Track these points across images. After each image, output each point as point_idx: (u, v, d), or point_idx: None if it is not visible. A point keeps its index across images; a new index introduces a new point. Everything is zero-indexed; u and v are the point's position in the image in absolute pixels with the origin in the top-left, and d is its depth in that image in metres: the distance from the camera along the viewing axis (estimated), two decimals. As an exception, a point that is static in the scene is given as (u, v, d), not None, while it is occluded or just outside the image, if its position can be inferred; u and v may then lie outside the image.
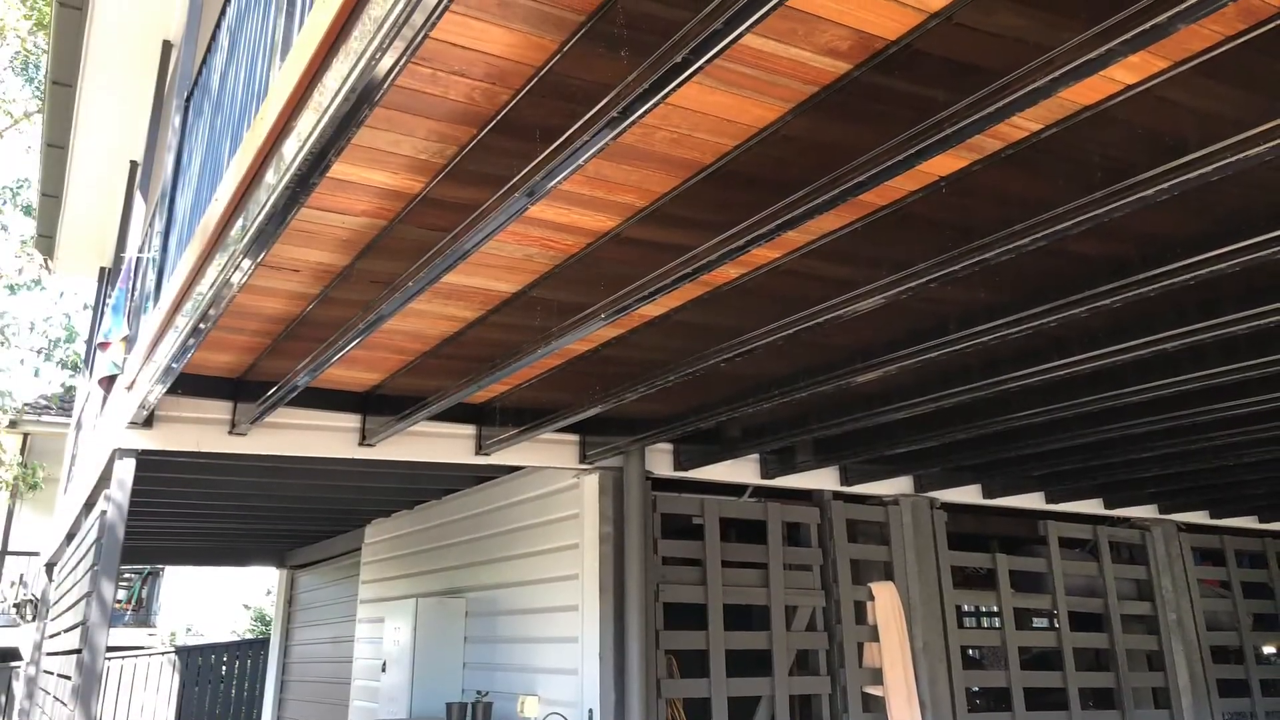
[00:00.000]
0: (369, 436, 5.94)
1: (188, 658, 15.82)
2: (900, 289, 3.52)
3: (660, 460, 6.87)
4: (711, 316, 4.39)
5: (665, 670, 6.57)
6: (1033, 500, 8.40)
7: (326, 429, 5.95)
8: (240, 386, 5.69)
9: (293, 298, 4.47)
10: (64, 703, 6.68)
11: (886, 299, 3.61)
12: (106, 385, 5.77)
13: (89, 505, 7.18)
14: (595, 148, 2.64)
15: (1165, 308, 4.05)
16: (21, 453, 16.85)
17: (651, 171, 3.35)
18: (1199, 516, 9.36)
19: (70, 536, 8.79)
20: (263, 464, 6.55)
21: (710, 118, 3.03)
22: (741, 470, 7.16)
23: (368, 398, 6.02)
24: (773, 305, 4.04)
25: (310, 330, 4.66)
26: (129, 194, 9.07)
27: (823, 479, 7.42)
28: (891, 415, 5.51)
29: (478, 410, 6.35)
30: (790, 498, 7.41)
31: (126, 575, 17.74)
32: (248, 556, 14.53)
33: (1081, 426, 6.01)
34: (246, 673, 16.10)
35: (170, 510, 8.98)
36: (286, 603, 14.30)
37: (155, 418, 5.47)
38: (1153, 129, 2.79)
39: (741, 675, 6.74)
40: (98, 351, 6.10)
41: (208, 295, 3.70)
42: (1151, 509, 9.04)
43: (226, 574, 26.17)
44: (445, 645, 8.03)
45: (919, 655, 7.29)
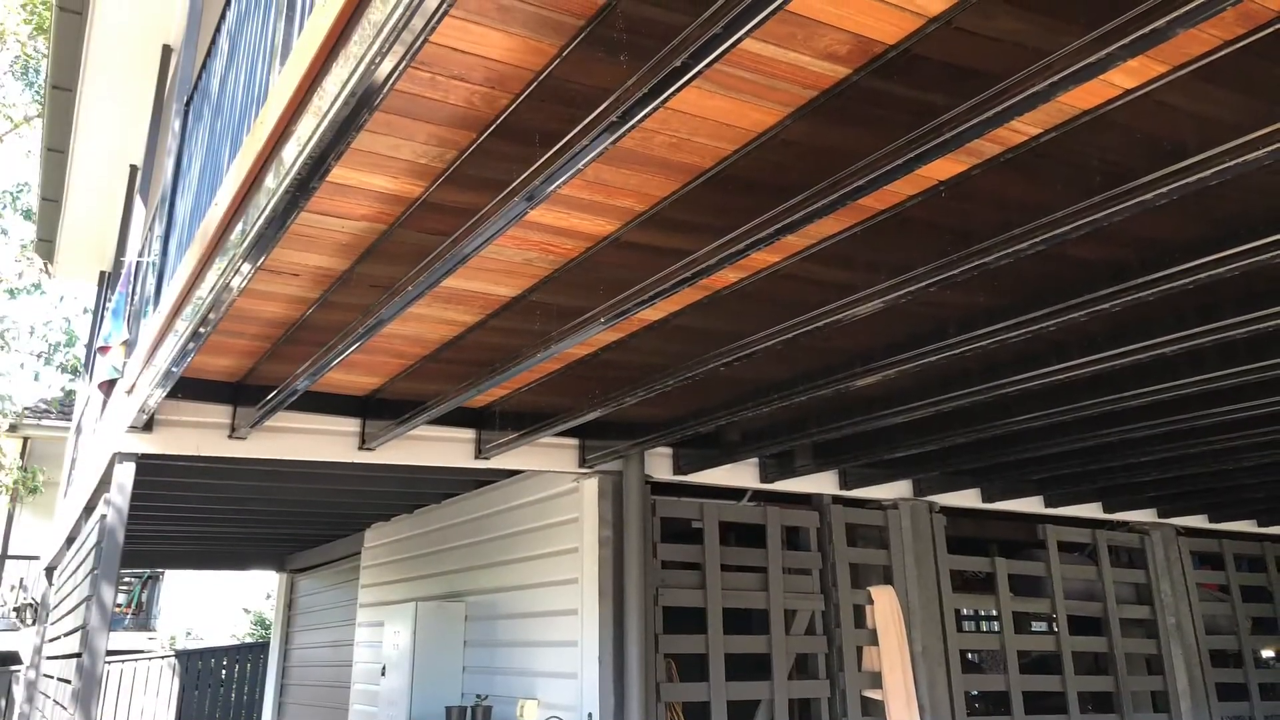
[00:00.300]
0: (369, 440, 5.94)
1: (188, 661, 15.81)
2: (899, 293, 3.52)
3: (659, 464, 6.87)
4: (711, 321, 4.39)
5: (665, 674, 6.57)
6: (1032, 504, 8.40)
7: (326, 433, 5.95)
8: (240, 390, 5.69)
9: (292, 302, 4.47)
10: (64, 706, 6.68)
11: (886, 303, 3.61)
12: (106, 389, 5.77)
13: (89, 509, 7.18)
14: (595, 152, 2.64)
15: (1164, 312, 4.06)
16: (21, 457, 16.84)
17: (651, 176, 3.35)
18: (1198, 520, 9.36)
19: (70, 540, 8.78)
20: (262, 468, 6.55)
21: (709, 122, 3.03)
22: (741, 474, 7.16)
23: (367, 402, 6.02)
24: (772, 309, 4.04)
25: (310, 334, 4.66)
26: (129, 198, 9.07)
27: (822, 483, 7.43)
28: (891, 419, 5.51)
29: (477, 414, 6.35)
30: (789, 502, 7.40)
31: (126, 579, 17.73)
32: (247, 560, 14.53)
33: (1080, 430, 6.01)
34: (246, 676, 16.09)
35: (170, 514, 8.98)
36: (286, 606, 14.30)
37: (155, 422, 5.48)
38: (1152, 133, 2.79)
39: (741, 679, 6.74)
40: (98, 355, 6.10)
41: (207, 299, 3.70)
42: (1150, 513, 9.04)
43: (226, 578, 26.14)
44: (445, 649, 8.03)
45: (918, 659, 7.28)
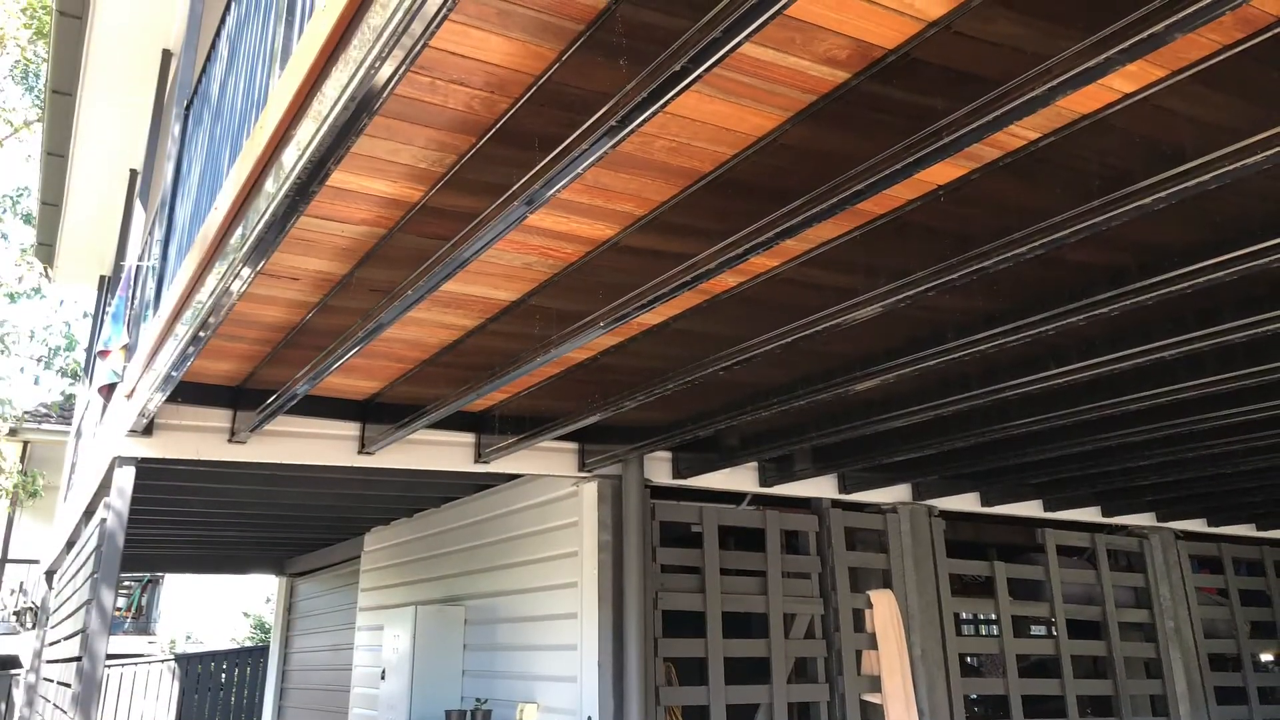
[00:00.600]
0: (368, 444, 5.94)
1: (187, 665, 15.80)
2: (898, 297, 3.52)
3: (659, 468, 6.87)
4: (710, 325, 4.39)
5: (664, 678, 6.57)
6: (1031, 508, 8.40)
7: (326, 437, 5.95)
8: (240, 395, 5.69)
9: (292, 306, 4.47)
10: (64, 710, 6.67)
11: (885, 307, 3.61)
12: (106, 393, 5.76)
13: (89, 513, 7.18)
14: (594, 156, 2.64)
15: (1163, 316, 4.06)
16: (21, 461, 16.84)
17: (650, 180, 3.35)
18: (1196, 524, 9.36)
19: (70, 544, 8.78)
20: (262, 472, 6.54)
21: (709, 126, 3.04)
22: (740, 478, 7.16)
23: (367, 406, 6.02)
24: (771, 313, 4.04)
25: (310, 338, 4.67)
26: (129, 202, 9.07)
27: (821, 487, 7.43)
28: (890, 423, 5.51)
29: (477, 418, 6.35)
30: (789, 505, 7.40)
31: (126, 583, 17.73)
32: (247, 564, 14.51)
33: (1079, 434, 6.01)
34: (246, 680, 16.08)
35: (170, 518, 8.98)
36: (286, 610, 14.28)
37: (155, 426, 5.48)
38: (1150, 138, 2.79)
39: (740, 683, 6.73)
40: (97, 360, 6.10)
41: (207, 303, 3.70)
42: (1149, 517, 9.04)
43: (226, 582, 26.17)
44: (444, 653, 8.02)
45: (917, 663, 7.28)
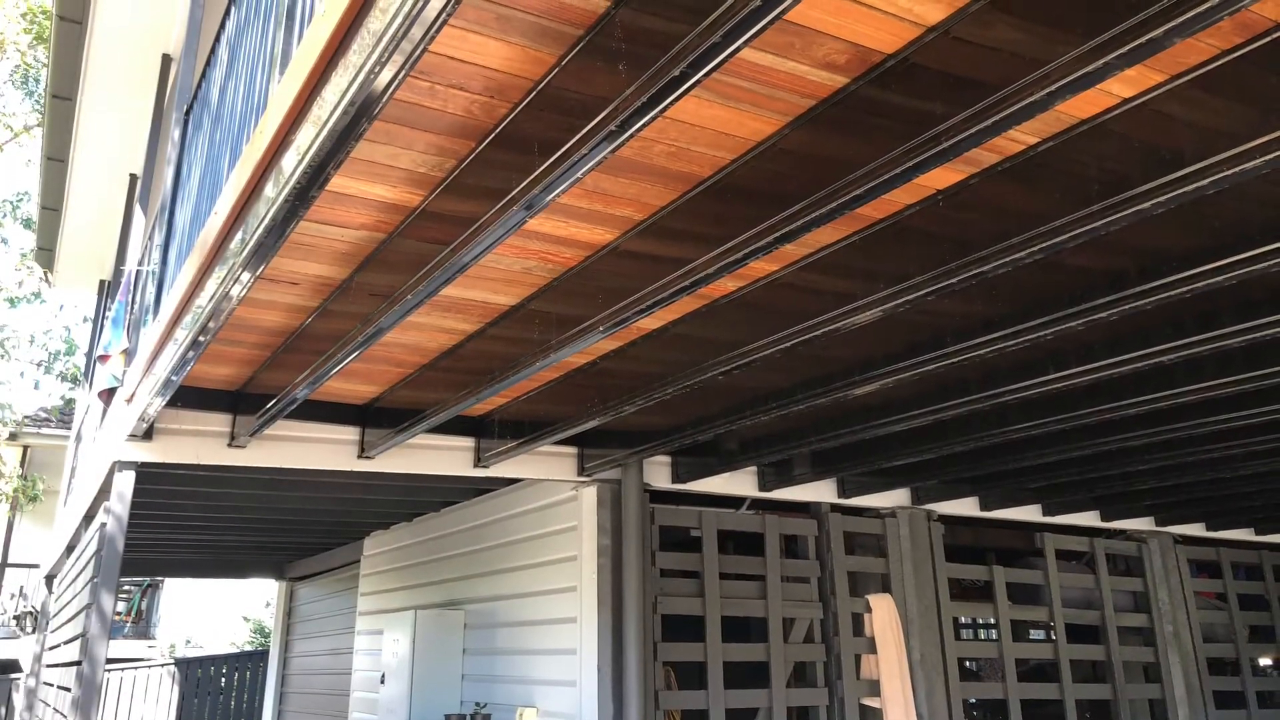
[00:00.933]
0: (368, 449, 5.94)
1: (187, 669, 15.78)
2: (897, 302, 3.52)
3: (658, 473, 6.87)
4: (709, 329, 4.39)
5: (663, 682, 6.56)
6: (1030, 513, 8.40)
7: (325, 441, 5.95)
8: (239, 399, 5.69)
9: (292, 311, 4.47)
10: (64, 714, 6.67)
11: (884, 312, 3.62)
12: (106, 398, 5.77)
13: (89, 517, 7.17)
14: (593, 161, 2.65)
15: (1161, 321, 4.07)
16: (21, 465, 16.83)
17: (649, 185, 3.36)
18: (1195, 529, 9.36)
19: (70, 549, 8.77)
20: (262, 476, 6.55)
21: (708, 131, 3.04)
22: (739, 483, 7.16)
23: (367, 410, 6.03)
24: (770, 318, 4.04)
25: (309, 343, 4.67)
26: (129, 207, 9.08)
27: (820, 491, 7.42)
28: (889, 428, 5.51)
29: (476, 423, 6.35)
30: (788, 510, 7.41)
31: (126, 587, 17.73)
32: (247, 568, 14.51)
33: (1078, 439, 6.01)
34: (246, 684, 16.06)
35: (170, 522, 8.97)
36: (286, 615, 14.28)
37: (155, 430, 5.48)
38: (1149, 142, 2.80)
39: (739, 687, 6.73)
40: (97, 364, 6.11)
41: (207, 308, 3.71)
42: (1148, 521, 9.03)
43: (226, 586, 26.13)
44: (444, 657, 8.02)
45: (916, 667, 7.28)
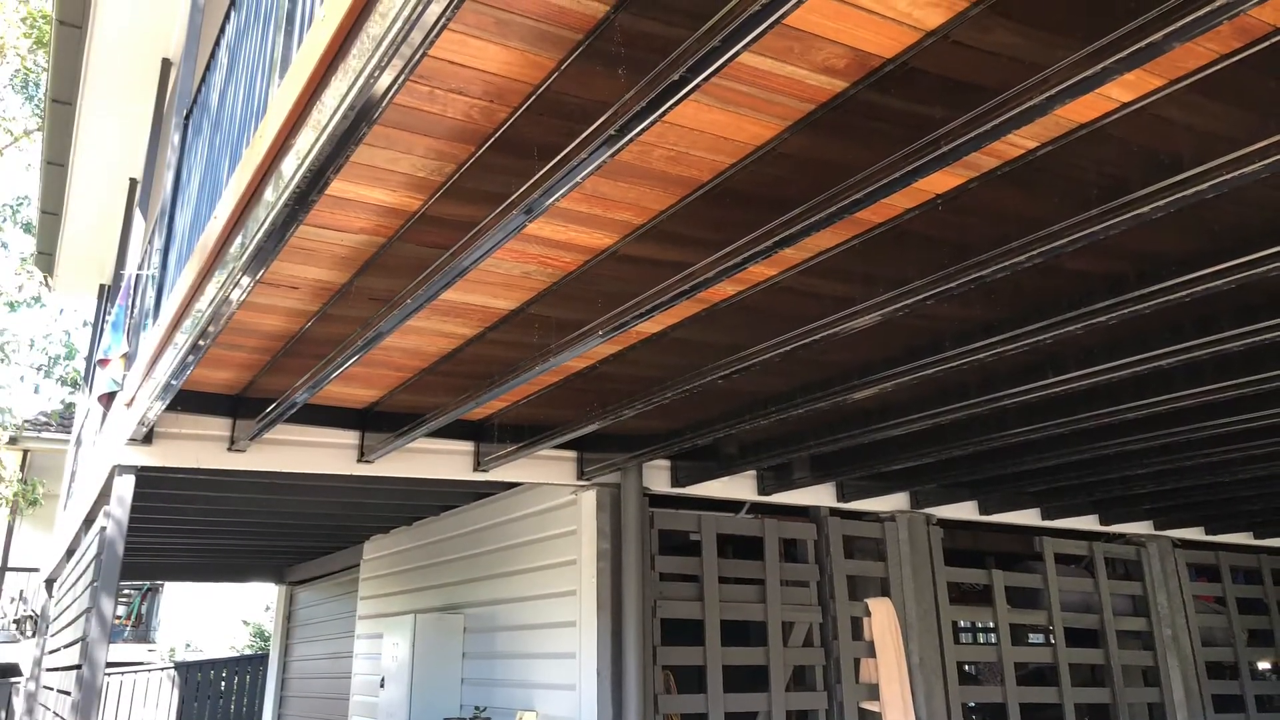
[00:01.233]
0: (367, 453, 5.94)
1: (187, 673, 15.78)
2: (897, 306, 3.52)
3: (658, 477, 6.87)
4: (709, 334, 4.40)
5: (663, 686, 6.56)
6: (1029, 517, 8.40)
7: (325, 446, 5.95)
8: (239, 403, 5.69)
9: (291, 315, 4.47)
10: (64, 718, 6.66)
11: (883, 316, 3.62)
12: (106, 402, 5.77)
13: (89, 521, 7.17)
14: (593, 165, 2.65)
15: (1160, 325, 4.07)
16: (21, 469, 16.81)
17: (649, 189, 3.36)
18: (1194, 533, 9.36)
19: (70, 552, 8.77)
20: (261, 480, 6.55)
21: (707, 136, 3.05)
22: (738, 487, 7.16)
23: (366, 414, 6.02)
24: (770, 322, 4.04)
25: (309, 347, 4.67)
26: (128, 211, 9.08)
27: (819, 495, 7.42)
28: (888, 432, 5.51)
29: (476, 427, 6.35)
30: (787, 514, 7.40)
31: (126, 591, 17.71)
32: (247, 572, 14.52)
33: (1077, 443, 6.01)
34: (245, 688, 16.05)
35: (169, 526, 8.97)
36: (285, 618, 14.27)
37: (154, 434, 5.48)
38: (1148, 147, 2.80)
39: (738, 691, 6.72)
40: (97, 368, 6.10)
41: (207, 312, 3.71)
42: (1147, 525, 9.03)
43: (226, 590, 26.12)
44: (443, 661, 8.01)
45: (915, 671, 7.27)
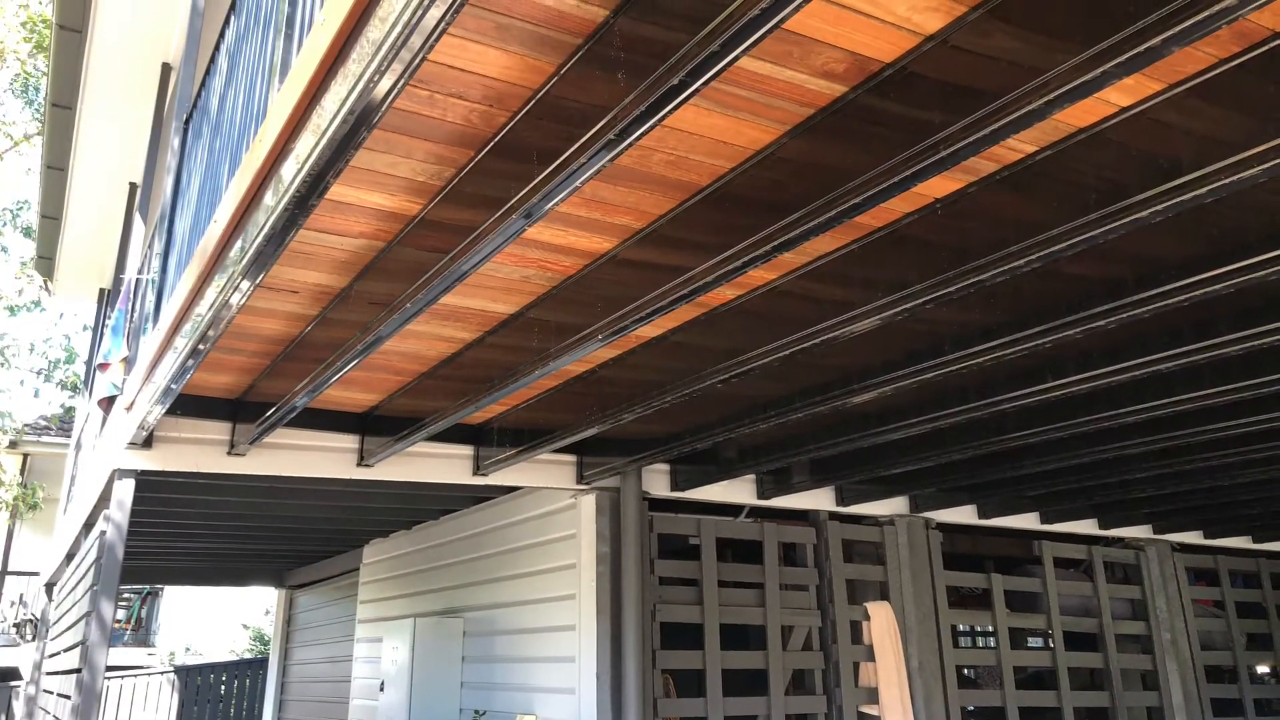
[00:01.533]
0: (367, 457, 5.94)
1: (187, 677, 15.77)
2: (896, 310, 3.53)
3: (657, 481, 6.87)
4: (708, 338, 4.40)
5: (662, 690, 6.55)
6: (1028, 520, 8.40)
7: (325, 449, 5.95)
8: (239, 407, 5.69)
9: (291, 319, 4.48)
10: (60, 724, 6.66)
11: (882, 320, 3.62)
12: (106, 406, 5.77)
13: (88, 525, 7.17)
14: (592, 170, 2.65)
15: (1159, 329, 4.07)
16: (21, 473, 16.80)
17: (648, 193, 3.36)
18: (1193, 537, 9.36)
19: (70, 556, 8.77)
20: (261, 484, 6.55)
21: (707, 140, 3.05)
22: (738, 491, 7.16)
23: (366, 418, 6.03)
24: (769, 326, 4.04)
25: (309, 351, 4.67)
26: (128, 215, 9.08)
27: (819, 499, 7.43)
28: (887, 436, 5.51)
29: (475, 431, 6.35)
30: (786, 518, 7.40)
31: (126, 595, 17.71)
32: (246, 576, 14.51)
33: (1076, 447, 6.01)
34: (245, 692, 16.04)
35: (169, 530, 8.97)
36: (285, 622, 14.27)
37: (154, 438, 5.48)
38: (1147, 151, 2.80)
39: (738, 695, 6.72)
40: (97, 372, 6.10)
41: (206, 316, 3.71)
42: (1146, 529, 9.03)
43: (225, 594, 26.14)
44: (443, 665, 8.01)
45: (914, 675, 7.27)
